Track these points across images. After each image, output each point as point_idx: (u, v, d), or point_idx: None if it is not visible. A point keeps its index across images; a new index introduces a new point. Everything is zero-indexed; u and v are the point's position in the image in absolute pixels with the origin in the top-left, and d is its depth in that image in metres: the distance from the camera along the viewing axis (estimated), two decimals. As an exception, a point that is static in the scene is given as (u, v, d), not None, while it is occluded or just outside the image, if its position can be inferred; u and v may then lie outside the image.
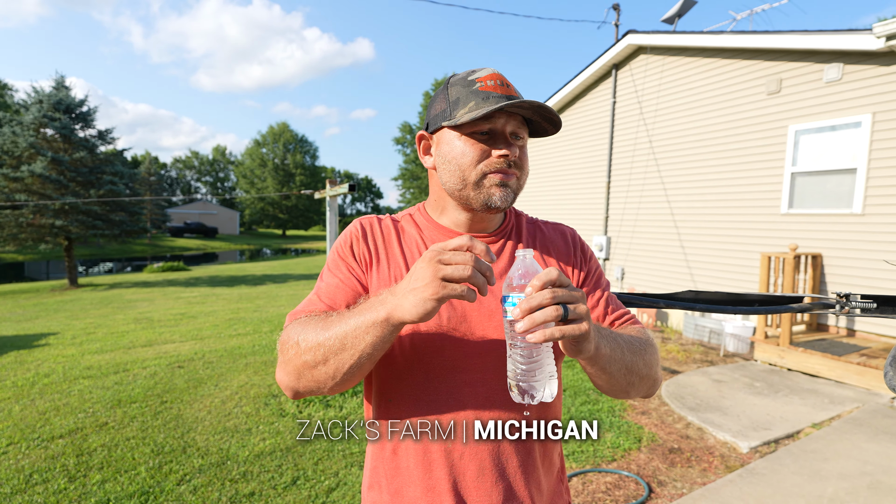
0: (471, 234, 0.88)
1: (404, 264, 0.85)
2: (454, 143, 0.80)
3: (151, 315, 8.29)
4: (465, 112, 0.78)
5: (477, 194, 0.81)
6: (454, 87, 0.82)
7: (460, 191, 0.82)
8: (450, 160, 0.81)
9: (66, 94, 14.41)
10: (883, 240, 4.80)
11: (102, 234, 14.30)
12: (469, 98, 0.79)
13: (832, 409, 3.77)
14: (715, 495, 2.56)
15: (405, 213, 0.95)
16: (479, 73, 0.81)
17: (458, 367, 0.79)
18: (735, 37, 6.00)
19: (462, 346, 0.79)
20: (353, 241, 0.87)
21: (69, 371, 4.77)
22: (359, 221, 0.91)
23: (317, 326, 0.71)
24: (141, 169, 37.13)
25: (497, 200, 0.80)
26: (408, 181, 42.65)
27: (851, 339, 5.07)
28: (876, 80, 4.82)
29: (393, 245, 0.87)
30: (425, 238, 0.88)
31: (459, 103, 0.79)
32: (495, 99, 0.77)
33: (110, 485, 2.61)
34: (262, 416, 3.54)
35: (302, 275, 16.35)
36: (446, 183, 0.83)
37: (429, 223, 0.90)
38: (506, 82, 0.81)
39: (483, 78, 0.80)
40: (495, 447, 0.78)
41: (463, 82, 0.81)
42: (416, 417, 0.79)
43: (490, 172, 0.79)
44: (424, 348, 0.79)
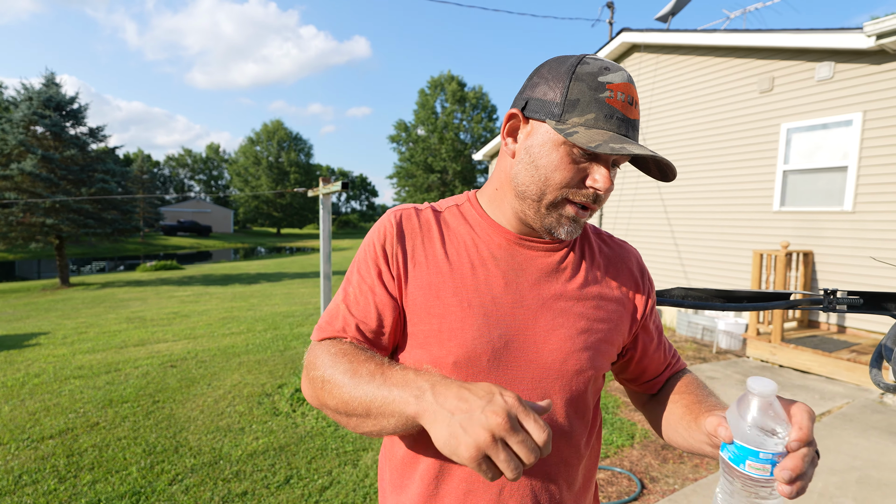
0: (528, 237, 0.77)
1: (447, 269, 0.73)
2: (549, 150, 0.68)
3: (144, 314, 8.24)
4: (579, 123, 0.65)
5: (545, 216, 0.71)
6: (578, 83, 0.66)
7: (532, 201, 0.71)
8: (537, 165, 0.69)
9: (57, 91, 14.26)
10: (873, 237, 4.84)
11: (94, 232, 14.17)
12: (590, 107, 0.65)
13: (823, 405, 3.80)
14: (706, 491, 2.57)
15: (450, 204, 0.82)
16: (611, 75, 0.66)
17: None
18: (728, 35, 6.03)
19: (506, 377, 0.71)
20: (385, 240, 0.75)
21: (60, 371, 4.73)
22: (393, 214, 0.78)
23: (346, 371, 0.64)
24: (133, 167, 36.82)
25: (562, 233, 0.71)
26: (403, 179, 42.59)
27: (842, 335, 5.12)
28: (867, 78, 4.86)
29: (434, 243, 0.76)
30: (476, 236, 0.77)
31: (577, 107, 0.66)
32: (618, 123, 0.65)
33: (101, 485, 2.59)
34: (256, 416, 3.53)
35: (297, 273, 16.30)
36: (521, 184, 0.71)
37: (481, 219, 0.78)
38: (635, 99, 0.68)
39: (615, 87, 0.66)
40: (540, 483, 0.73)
41: (591, 81, 0.66)
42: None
43: (571, 203, 0.70)
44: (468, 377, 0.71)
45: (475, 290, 0.72)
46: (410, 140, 42.30)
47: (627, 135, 0.66)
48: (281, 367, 4.76)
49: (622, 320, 0.79)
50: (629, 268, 0.83)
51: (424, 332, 0.71)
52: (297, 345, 5.71)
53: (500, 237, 0.76)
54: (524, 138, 0.71)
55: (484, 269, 0.73)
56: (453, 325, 0.70)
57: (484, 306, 0.71)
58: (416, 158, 40.97)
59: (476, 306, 0.71)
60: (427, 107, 41.42)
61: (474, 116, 41.00)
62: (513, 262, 0.75)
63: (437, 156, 40.32)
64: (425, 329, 0.71)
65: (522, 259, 0.75)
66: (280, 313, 8.05)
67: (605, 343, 0.76)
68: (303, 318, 7.58)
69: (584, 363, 0.73)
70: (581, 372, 0.73)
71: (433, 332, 0.71)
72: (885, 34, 4.39)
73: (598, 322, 0.75)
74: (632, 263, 0.83)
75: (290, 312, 8.13)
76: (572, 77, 0.67)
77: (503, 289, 0.72)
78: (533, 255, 0.76)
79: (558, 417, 0.73)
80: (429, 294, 0.72)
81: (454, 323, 0.70)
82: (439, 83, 41.75)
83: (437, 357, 0.70)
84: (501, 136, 0.74)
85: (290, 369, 4.64)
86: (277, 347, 5.59)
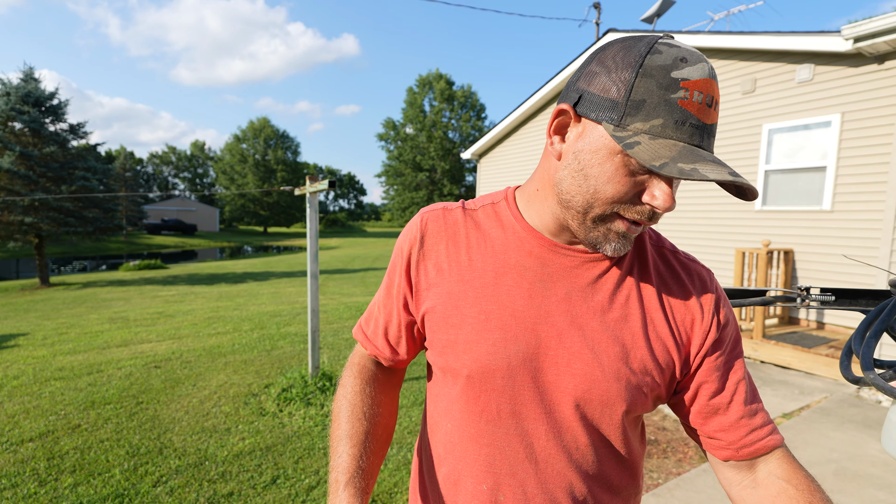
0: (565, 245, 0.69)
1: (469, 278, 0.69)
2: (603, 159, 0.58)
3: (127, 314, 8.11)
4: (643, 129, 0.55)
5: (591, 229, 0.62)
6: (647, 79, 0.54)
7: (577, 213, 0.62)
8: (586, 175, 0.59)
9: (36, 86, 13.93)
10: (850, 235, 4.97)
11: (75, 231, 13.89)
12: (658, 111, 0.54)
13: (802, 400, 3.89)
14: (689, 485, 2.62)
15: (488, 201, 0.76)
16: (689, 69, 0.54)
17: (521, 413, 0.67)
18: (712, 37, 6.12)
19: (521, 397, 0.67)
20: (411, 248, 0.73)
21: (40, 372, 4.64)
22: (421, 217, 0.75)
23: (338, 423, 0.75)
24: (115, 164, 36.15)
25: (609, 250, 0.63)
26: (391, 178, 42.45)
27: (821, 331, 5.24)
28: (845, 80, 4.97)
29: (460, 248, 0.71)
30: (507, 241, 0.70)
31: (642, 110, 0.54)
32: (690, 132, 0.54)
33: (83, 488, 2.55)
34: (242, 416, 3.50)
35: (284, 272, 16.17)
36: (566, 191, 0.62)
37: (516, 222, 0.71)
38: (715, 99, 0.55)
39: (692, 84, 0.53)
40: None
41: (662, 77, 0.54)
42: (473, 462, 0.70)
43: (622, 219, 0.60)
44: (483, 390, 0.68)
45: (496, 301, 0.67)
46: (399, 138, 42.17)
47: (702, 145, 0.55)
48: (268, 366, 4.73)
49: (669, 351, 0.67)
50: (689, 291, 0.69)
51: (443, 341, 0.70)
52: (284, 344, 5.68)
53: (532, 243, 0.69)
54: (574, 139, 0.61)
55: (508, 279, 0.67)
56: (469, 337, 0.67)
57: (503, 319, 0.66)
58: (405, 157, 40.86)
59: (494, 319, 0.66)
60: (415, 105, 41.33)
61: (463, 115, 40.99)
62: (543, 272, 0.67)
63: (425, 154, 40.25)
64: (443, 338, 0.69)
65: (555, 270, 0.67)
66: (267, 313, 7.99)
67: (644, 374, 0.65)
68: (290, 317, 7.53)
69: (613, 395, 0.64)
70: (608, 405, 0.64)
71: (450, 343, 0.68)
72: (862, 38, 4.50)
73: (637, 349, 0.65)
74: (694, 286, 0.69)
75: (277, 312, 8.06)
76: (639, 71, 0.55)
77: (526, 302, 0.66)
78: (568, 266, 0.68)
79: (580, 449, 0.67)
80: (448, 303, 0.69)
81: (470, 335, 0.67)
82: (427, 81, 41.67)
83: (453, 368, 0.69)
84: (547, 132, 0.65)
85: (277, 369, 4.61)
86: (264, 347, 5.55)
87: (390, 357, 0.81)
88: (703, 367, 0.67)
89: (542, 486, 0.66)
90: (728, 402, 0.67)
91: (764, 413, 0.68)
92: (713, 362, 0.67)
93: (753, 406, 0.67)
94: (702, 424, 0.69)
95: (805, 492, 0.62)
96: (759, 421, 0.67)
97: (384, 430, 0.78)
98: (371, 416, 0.76)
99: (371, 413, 0.76)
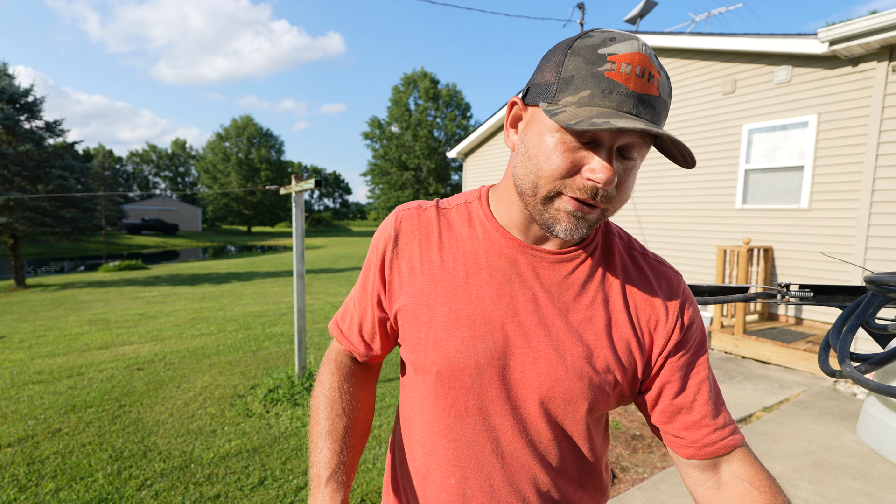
0: (533, 245, 0.70)
1: (440, 276, 0.70)
2: (544, 137, 0.59)
3: (107, 316, 7.94)
4: (571, 102, 0.56)
5: (542, 212, 0.62)
6: (575, 58, 0.57)
7: (528, 197, 0.63)
8: (531, 155, 0.61)
9: (10, 82, 13.54)
10: (826, 233, 5.10)
11: (52, 231, 13.55)
12: (587, 83, 0.55)
13: (781, 394, 3.99)
14: (674, 478, 2.67)
15: (462, 200, 0.77)
16: (617, 45, 0.55)
17: (488, 409, 0.68)
18: (693, 38, 6.23)
19: (488, 395, 0.68)
20: (385, 245, 0.74)
21: (17, 376, 4.52)
22: (396, 216, 0.76)
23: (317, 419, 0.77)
24: (94, 163, 35.30)
25: (561, 231, 0.62)
26: (377, 177, 42.27)
27: (799, 327, 5.38)
28: (821, 82, 5.10)
29: (432, 247, 0.72)
30: (478, 240, 0.71)
31: (571, 84, 0.56)
32: (620, 99, 0.54)
33: (65, 493, 2.50)
34: (228, 417, 3.46)
35: (268, 272, 15.99)
36: (518, 178, 0.64)
37: (488, 221, 0.72)
38: (649, 71, 0.55)
39: (618, 57, 0.55)
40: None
41: (589, 54, 0.56)
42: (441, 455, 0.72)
43: (566, 195, 0.60)
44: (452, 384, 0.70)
45: (465, 300, 0.68)
46: (384, 137, 42.00)
47: (633, 112, 0.54)
48: (253, 367, 4.68)
49: (633, 351, 0.68)
50: (656, 292, 0.70)
51: (414, 338, 0.71)
52: (270, 345, 5.62)
53: (502, 243, 0.70)
54: (523, 128, 0.64)
55: (478, 279, 0.69)
56: (439, 335, 0.68)
57: (472, 318, 0.67)
58: (391, 156, 40.71)
59: (464, 318, 0.67)
60: (400, 104, 41.19)
61: (448, 114, 40.97)
62: (512, 272, 0.68)
63: (411, 153, 40.14)
64: (414, 336, 0.71)
65: (523, 270, 0.69)
66: (252, 313, 7.90)
67: (606, 373, 0.67)
68: (275, 317, 7.46)
69: (576, 393, 0.66)
70: (571, 402, 0.66)
71: (421, 340, 0.70)
72: (837, 41, 4.62)
73: (601, 349, 0.67)
74: (661, 288, 0.71)
75: (262, 312, 7.98)
76: (568, 52, 0.58)
77: (495, 302, 0.67)
78: (537, 266, 0.69)
79: (543, 443, 0.69)
80: (420, 301, 0.70)
81: (440, 333, 0.68)
82: (412, 80, 41.56)
83: (423, 365, 0.70)
84: (505, 127, 0.67)
85: (263, 370, 4.56)
86: (249, 348, 5.49)
87: (365, 353, 0.82)
88: (667, 367, 0.69)
89: (508, 479, 0.69)
90: (691, 401, 0.68)
91: (726, 413, 0.69)
92: (676, 363, 0.68)
93: (716, 406, 0.69)
94: (665, 423, 0.70)
95: (767, 493, 0.64)
96: (722, 421, 0.68)
97: (363, 425, 0.80)
98: (350, 412, 0.78)
99: (350, 409, 0.78)
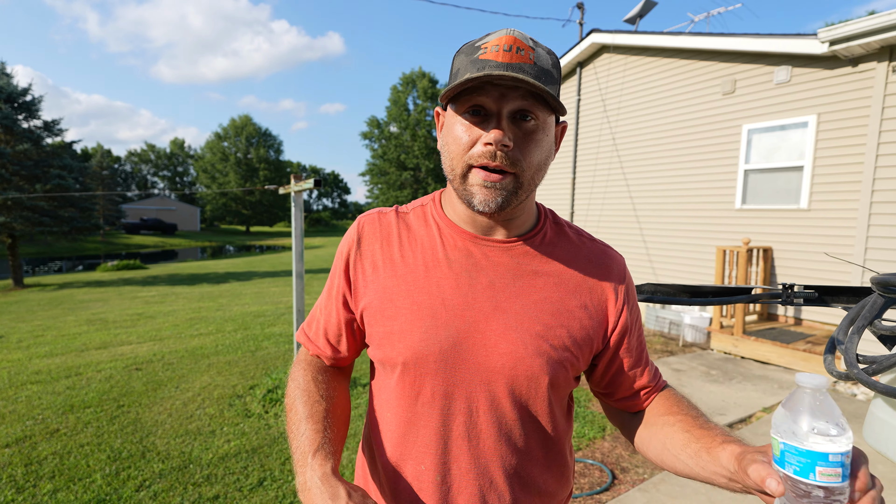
0: (484, 236, 0.75)
1: (402, 272, 0.75)
2: (451, 125, 0.68)
3: (106, 316, 7.92)
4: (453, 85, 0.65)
5: (462, 191, 0.69)
6: (459, 56, 0.68)
7: (452, 182, 0.70)
8: (445, 144, 0.70)
9: (8, 81, 13.51)
10: (826, 233, 5.10)
11: (50, 231, 13.52)
12: (466, 69, 0.65)
13: (781, 394, 3.99)
14: (674, 479, 2.67)
15: (418, 204, 0.83)
16: (490, 36, 0.65)
17: (454, 393, 0.71)
18: (693, 38, 6.22)
19: (454, 378, 0.71)
20: (349, 250, 0.79)
21: (15, 376, 4.51)
22: (359, 222, 0.81)
23: (294, 411, 0.74)
24: (92, 162, 35.23)
25: (477, 204, 0.67)
26: (375, 177, 42.23)
27: (799, 327, 5.38)
28: (821, 82, 5.10)
29: (392, 247, 0.77)
30: (434, 237, 0.77)
31: (458, 75, 0.66)
32: (491, 69, 0.61)
33: (63, 494, 2.49)
34: (227, 418, 3.45)
35: (267, 272, 15.97)
36: (445, 170, 0.71)
37: (441, 219, 0.78)
38: (519, 46, 0.63)
39: (490, 43, 0.64)
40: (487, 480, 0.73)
41: (469, 49, 0.67)
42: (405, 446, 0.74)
43: (475, 166, 0.66)
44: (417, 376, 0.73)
45: (426, 292, 0.72)
46: (383, 137, 41.96)
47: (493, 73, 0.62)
48: (252, 367, 4.67)
49: (586, 329, 0.74)
50: (604, 274, 0.77)
51: (379, 333, 0.74)
52: (269, 345, 5.61)
53: (456, 238, 0.75)
54: (440, 129, 0.74)
55: (437, 271, 0.73)
56: (403, 326, 0.71)
57: (433, 308, 0.71)
58: (389, 155, 40.68)
59: (426, 308, 0.71)
60: (399, 104, 41.17)
61: (447, 114, 40.91)
62: (467, 262, 0.73)
63: (409, 153, 40.12)
64: (380, 331, 0.74)
65: (479, 259, 0.74)
66: (250, 313, 7.88)
67: (563, 350, 0.72)
68: (274, 317, 7.45)
69: (537, 370, 0.70)
70: (533, 378, 0.70)
71: (386, 334, 0.73)
72: (837, 41, 4.62)
73: (556, 328, 0.71)
74: (607, 269, 0.78)
75: (260, 312, 7.97)
76: (456, 54, 0.69)
77: (454, 290, 0.72)
78: (489, 254, 0.74)
79: (508, 424, 0.71)
80: (384, 297, 0.74)
81: (404, 325, 0.71)
82: (411, 80, 41.54)
83: (390, 357, 0.73)
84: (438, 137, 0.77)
85: (262, 370, 4.55)
86: (248, 348, 5.48)
87: (332, 355, 0.83)
88: (616, 340, 0.77)
89: (476, 461, 0.71)
90: (642, 371, 0.80)
91: (656, 369, 0.83)
92: (626, 339, 0.78)
93: (652, 367, 0.82)
94: (614, 390, 0.82)
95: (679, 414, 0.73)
96: (657, 378, 0.82)
97: (342, 412, 0.78)
98: (328, 398, 0.76)
99: (327, 395, 0.77)
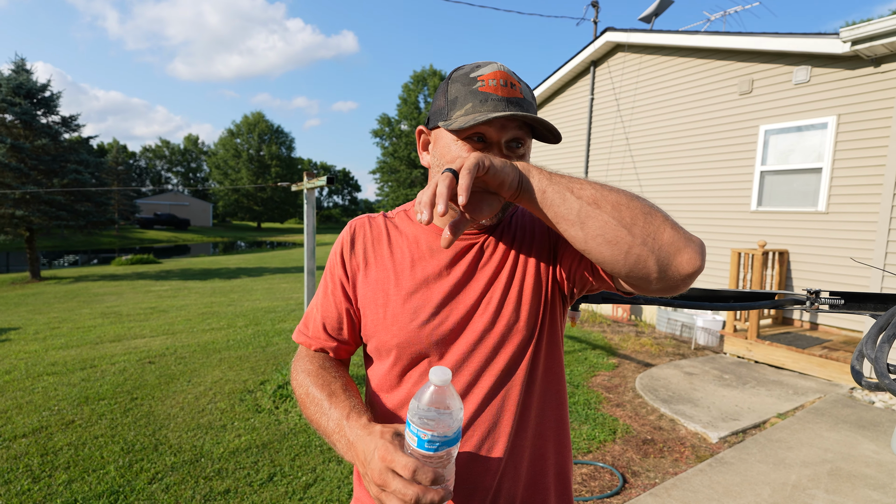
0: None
1: (392, 266, 0.85)
2: (449, 147, 0.78)
3: (120, 309, 8.04)
4: (460, 114, 0.76)
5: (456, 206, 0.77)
6: (454, 84, 0.78)
7: None
8: (443, 162, 0.80)
9: (27, 77, 13.75)
10: (844, 237, 5.00)
11: (67, 225, 13.74)
12: (467, 99, 0.76)
13: (796, 400, 3.92)
14: (686, 484, 2.63)
15: (402, 209, 0.94)
16: (483, 69, 0.77)
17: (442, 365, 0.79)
18: (709, 37, 6.13)
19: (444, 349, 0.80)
20: (343, 249, 0.89)
21: (32, 367, 4.59)
22: (350, 225, 0.92)
23: (312, 397, 0.79)
24: (108, 158, 35.78)
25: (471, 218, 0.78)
26: (386, 174, 42.32)
27: (814, 332, 5.28)
28: (842, 83, 5.00)
29: (382, 247, 0.88)
30: (419, 235, 0.88)
31: (457, 103, 0.77)
32: (494, 103, 0.74)
33: (77, 485, 2.52)
34: (238, 412, 3.48)
35: (277, 268, 16.09)
36: None
37: None
38: (511, 81, 0.76)
39: (486, 76, 0.76)
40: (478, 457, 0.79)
41: (464, 79, 0.77)
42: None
43: None
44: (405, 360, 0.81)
45: (413, 280, 0.82)
46: (394, 135, 42.03)
47: (507, 110, 0.73)
48: (263, 363, 4.70)
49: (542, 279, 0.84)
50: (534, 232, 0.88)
51: (374, 321, 0.83)
52: (279, 341, 5.65)
53: (436, 233, 0.86)
54: (433, 148, 0.83)
55: (422, 262, 0.84)
56: (395, 311, 0.81)
57: (419, 294, 0.81)
58: (400, 153, 40.73)
59: (413, 295, 0.81)
60: (410, 101, 41.19)
61: (458, 112, 40.84)
62: (448, 252, 0.85)
63: (420, 151, 40.10)
64: (374, 318, 0.83)
65: (459, 249, 0.85)
66: (261, 308, 7.95)
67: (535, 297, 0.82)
68: (285, 313, 7.50)
69: (511, 319, 0.80)
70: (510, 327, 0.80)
71: (379, 320, 0.82)
72: (860, 40, 4.52)
73: (525, 285, 0.83)
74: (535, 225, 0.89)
75: (271, 308, 8.03)
76: (449, 82, 0.80)
77: (436, 278, 0.82)
78: (462, 245, 0.85)
79: (497, 385, 0.79)
80: (376, 289, 0.84)
81: (395, 310, 0.81)
82: (422, 78, 41.54)
83: (384, 341, 0.81)
84: (419, 152, 0.88)
85: (273, 365, 4.58)
86: (259, 343, 5.52)
87: (334, 345, 0.89)
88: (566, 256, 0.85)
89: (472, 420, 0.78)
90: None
91: None
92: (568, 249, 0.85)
93: None
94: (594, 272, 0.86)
95: None
96: None
97: (356, 390, 0.84)
98: (340, 377, 0.83)
99: (339, 375, 0.84)
